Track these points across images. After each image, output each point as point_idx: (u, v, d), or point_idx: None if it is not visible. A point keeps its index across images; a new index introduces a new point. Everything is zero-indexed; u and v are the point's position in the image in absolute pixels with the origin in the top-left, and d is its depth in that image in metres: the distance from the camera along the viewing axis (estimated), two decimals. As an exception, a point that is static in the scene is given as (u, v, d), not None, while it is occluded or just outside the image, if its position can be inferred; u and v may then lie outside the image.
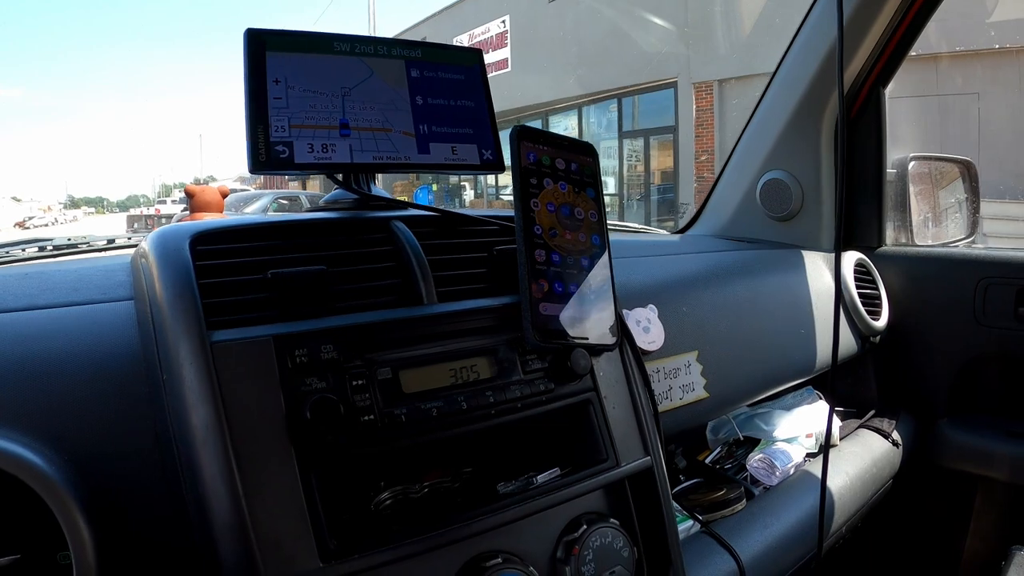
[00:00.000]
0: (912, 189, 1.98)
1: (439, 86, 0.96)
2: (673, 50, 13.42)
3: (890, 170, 1.91)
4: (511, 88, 17.36)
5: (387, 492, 0.74)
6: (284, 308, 0.74)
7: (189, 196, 1.51)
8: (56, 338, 0.73)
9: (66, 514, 0.60)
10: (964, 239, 2.16)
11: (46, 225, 55.64)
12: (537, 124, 17.93)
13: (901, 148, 1.95)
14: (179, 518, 0.66)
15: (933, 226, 2.13)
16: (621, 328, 0.90)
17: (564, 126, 17.72)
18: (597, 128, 17.17)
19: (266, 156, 0.82)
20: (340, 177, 0.93)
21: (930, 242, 2.02)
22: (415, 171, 0.93)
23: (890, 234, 1.92)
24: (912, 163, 1.97)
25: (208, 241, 0.77)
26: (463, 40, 19.58)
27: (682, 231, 2.05)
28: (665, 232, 2.02)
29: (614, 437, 0.87)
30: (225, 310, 0.71)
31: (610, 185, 16.51)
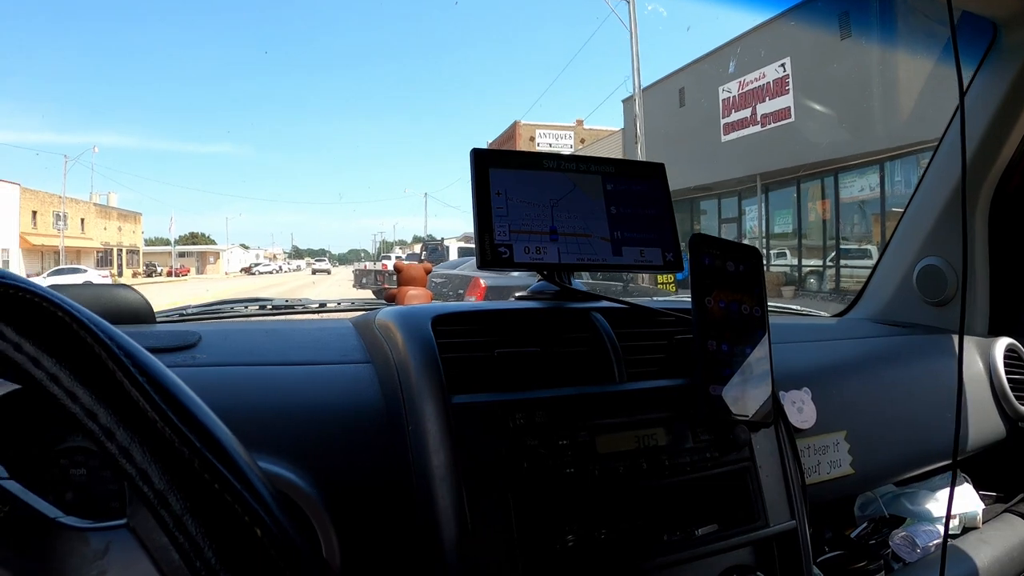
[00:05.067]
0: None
1: (629, 197, 1.15)
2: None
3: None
4: (794, 141, 15.76)
5: (571, 535, 0.89)
6: (507, 380, 0.94)
7: (397, 272, 1.76)
8: (310, 391, 0.95)
9: (321, 523, 0.79)
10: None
11: (271, 272, 61.00)
12: (818, 183, 16.34)
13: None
14: (410, 534, 0.85)
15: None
16: (776, 408, 1.05)
17: (860, 186, 15.61)
18: (905, 188, 13.98)
19: (491, 256, 1.03)
20: (545, 272, 1.12)
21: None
22: (609, 271, 1.12)
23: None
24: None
25: (446, 323, 0.99)
26: (732, 89, 18.06)
27: (841, 314, 2.11)
28: (824, 314, 2.10)
29: (765, 501, 1.03)
30: (461, 379, 0.92)
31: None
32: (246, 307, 1.57)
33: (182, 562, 0.39)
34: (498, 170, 1.07)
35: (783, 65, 16.15)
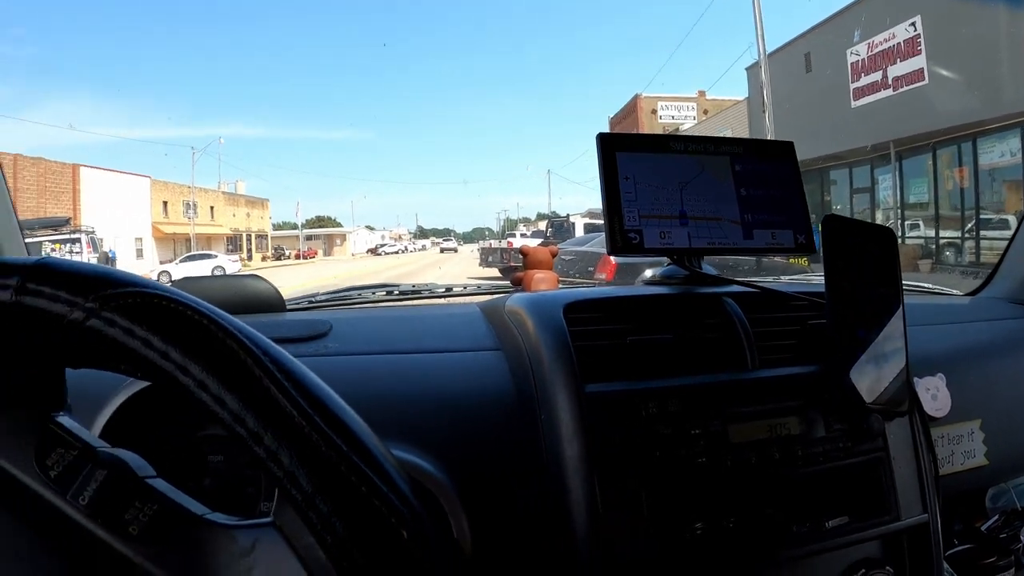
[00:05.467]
0: None
1: (759, 178, 1.14)
2: None
3: None
4: (929, 105, 14.70)
5: (700, 523, 0.89)
6: (639, 368, 0.94)
7: (524, 255, 1.78)
8: (441, 379, 0.98)
9: (453, 509, 0.82)
10: None
11: (396, 253, 63.19)
12: (955, 149, 15.32)
13: None
14: (541, 521, 0.87)
15: None
16: (911, 395, 1.02)
17: (1000, 151, 14.31)
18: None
19: (621, 242, 1.04)
20: (675, 257, 1.12)
21: None
22: (741, 255, 1.12)
23: None
24: None
25: (578, 310, 0.99)
26: (861, 52, 16.97)
27: (974, 293, 2.01)
28: (957, 292, 2.00)
29: (898, 493, 1.00)
30: (593, 367, 0.93)
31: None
32: (373, 293, 1.60)
33: (329, 561, 0.41)
34: (625, 154, 1.07)
35: (913, 24, 15.09)
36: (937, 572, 1.00)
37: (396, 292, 1.64)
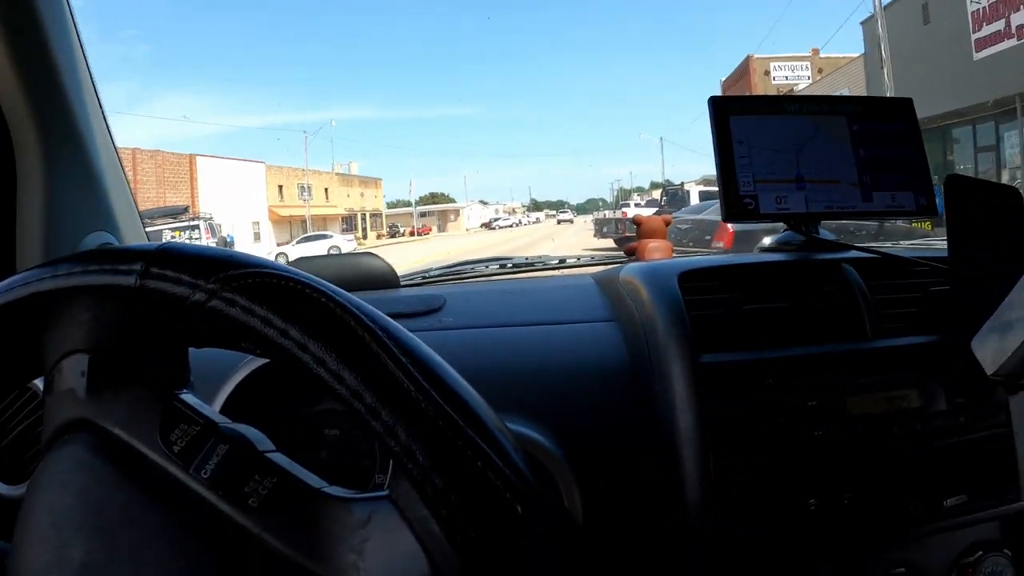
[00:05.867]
0: None
1: (877, 138, 1.09)
2: None
3: None
4: None
5: (813, 499, 0.87)
6: (755, 337, 0.93)
7: (637, 225, 1.75)
8: (554, 350, 0.98)
9: (564, 480, 0.83)
10: None
11: (511, 226, 64.74)
12: None
13: None
14: (654, 492, 0.87)
15: None
16: None
17: None
18: None
19: (736, 208, 1.02)
20: (791, 222, 1.10)
21: None
22: (860, 219, 1.09)
23: None
24: None
25: (693, 278, 0.98)
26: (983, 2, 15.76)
27: None
28: None
29: (1020, 472, 0.94)
30: (708, 336, 0.91)
31: None
32: (487, 267, 1.61)
33: (443, 535, 0.41)
34: (739, 117, 1.05)
35: (1035, -35, 13.92)
36: None
37: (509, 265, 1.64)
